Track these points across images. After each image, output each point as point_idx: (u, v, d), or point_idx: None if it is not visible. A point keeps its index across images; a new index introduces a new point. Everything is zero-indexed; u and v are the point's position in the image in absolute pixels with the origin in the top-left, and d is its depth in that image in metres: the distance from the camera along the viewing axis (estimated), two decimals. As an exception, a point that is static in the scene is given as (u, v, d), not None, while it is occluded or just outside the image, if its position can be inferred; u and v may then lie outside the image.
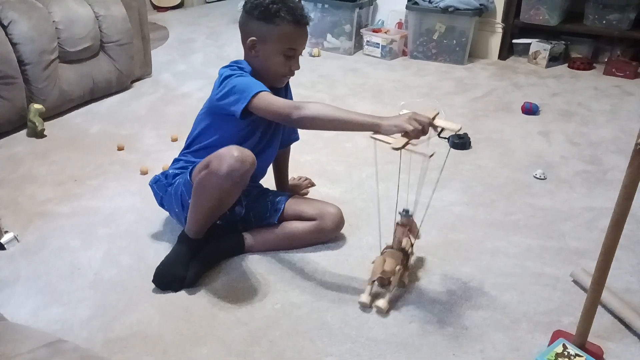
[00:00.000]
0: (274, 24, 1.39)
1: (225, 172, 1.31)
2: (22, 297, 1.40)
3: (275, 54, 1.42)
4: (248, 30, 1.43)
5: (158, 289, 1.41)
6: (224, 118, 1.44)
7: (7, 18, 2.21)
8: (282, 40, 1.40)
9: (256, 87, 1.35)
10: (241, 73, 1.41)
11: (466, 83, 2.98)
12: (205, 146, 1.51)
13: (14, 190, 1.88)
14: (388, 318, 1.33)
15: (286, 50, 1.41)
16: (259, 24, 1.40)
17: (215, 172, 1.32)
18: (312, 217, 1.57)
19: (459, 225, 1.71)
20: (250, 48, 1.44)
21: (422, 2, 3.24)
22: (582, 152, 2.21)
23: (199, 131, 1.53)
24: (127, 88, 2.81)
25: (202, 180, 1.37)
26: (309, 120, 1.30)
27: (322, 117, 1.29)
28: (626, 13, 3.03)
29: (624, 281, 1.48)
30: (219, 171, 1.31)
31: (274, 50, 1.41)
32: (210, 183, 1.35)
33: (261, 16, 1.39)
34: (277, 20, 1.38)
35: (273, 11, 1.37)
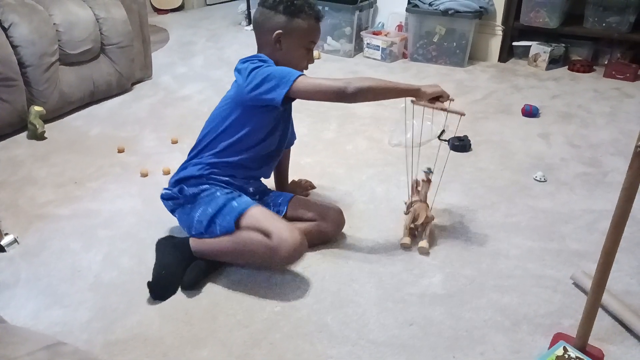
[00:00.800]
0: (299, 18, 1.45)
1: (285, 256, 1.37)
2: (22, 299, 1.40)
3: (298, 47, 1.48)
4: (272, 25, 1.46)
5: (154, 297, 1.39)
6: (254, 110, 1.46)
7: (8, 21, 2.21)
8: (306, 34, 1.47)
9: (295, 72, 1.40)
10: (268, 64, 1.44)
11: (466, 85, 2.99)
12: (233, 142, 1.50)
13: (15, 193, 1.88)
14: (389, 320, 1.33)
15: (308, 43, 1.49)
16: (284, 18, 1.45)
17: (275, 249, 1.36)
18: (313, 217, 1.58)
19: (460, 227, 1.71)
20: (276, 41, 1.46)
21: (422, 5, 3.25)
22: (582, 154, 2.21)
23: (224, 128, 1.50)
24: (128, 90, 2.82)
25: (253, 247, 1.39)
26: (363, 92, 1.36)
27: (372, 88, 1.37)
28: (626, 15, 3.03)
29: (624, 283, 1.47)
30: (279, 251, 1.36)
31: (298, 43, 1.47)
32: (262, 254, 1.39)
33: (287, 11, 1.44)
34: (302, 15, 1.45)
35: (298, 6, 1.44)
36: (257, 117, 1.48)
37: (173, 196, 1.52)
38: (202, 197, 1.48)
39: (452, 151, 2.22)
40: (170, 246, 1.47)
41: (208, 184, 1.50)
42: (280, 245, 1.36)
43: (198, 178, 1.51)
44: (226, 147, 1.51)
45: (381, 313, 1.36)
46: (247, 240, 1.40)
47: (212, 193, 1.48)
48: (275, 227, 1.38)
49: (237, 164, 1.52)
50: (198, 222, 1.46)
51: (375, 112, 2.57)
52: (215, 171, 1.51)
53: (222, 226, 1.43)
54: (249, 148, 1.52)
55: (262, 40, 1.50)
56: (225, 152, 1.51)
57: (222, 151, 1.51)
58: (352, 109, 2.61)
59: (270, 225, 1.39)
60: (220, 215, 1.44)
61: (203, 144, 1.54)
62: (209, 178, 1.51)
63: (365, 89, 1.36)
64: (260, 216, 1.42)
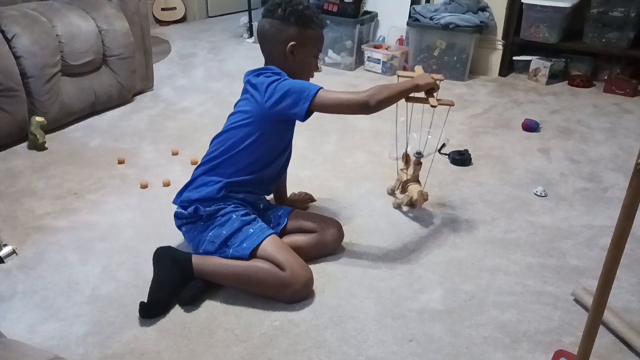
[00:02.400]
0: (310, 29, 1.49)
1: (296, 289, 1.38)
2: (18, 312, 1.38)
3: (310, 57, 1.53)
4: (285, 36, 1.47)
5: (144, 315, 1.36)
6: (277, 125, 1.48)
7: (11, 32, 2.22)
8: (316, 42, 1.52)
9: (314, 85, 1.42)
10: (284, 77, 1.46)
11: (466, 99, 3.00)
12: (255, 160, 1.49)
13: (13, 204, 1.87)
14: (387, 336, 1.32)
15: (317, 51, 1.54)
16: (297, 29, 1.47)
17: (287, 283, 1.37)
18: (312, 229, 1.58)
19: (459, 243, 1.71)
20: (290, 52, 1.48)
21: (422, 19, 3.27)
22: (582, 169, 2.21)
23: (245, 145, 1.47)
24: (128, 102, 2.82)
25: (263, 277, 1.38)
26: (382, 103, 1.41)
27: (389, 97, 1.43)
28: (625, 32, 3.05)
29: (625, 300, 1.47)
30: (291, 285, 1.38)
31: (310, 52, 1.52)
32: (272, 286, 1.39)
33: (299, 22, 1.47)
34: (312, 25, 1.49)
35: (308, 16, 1.47)
36: (279, 132, 1.51)
37: (188, 217, 1.49)
38: (218, 217, 1.46)
39: (452, 165, 2.22)
40: (170, 261, 1.44)
41: (224, 203, 1.48)
42: (294, 280, 1.37)
43: (216, 200, 1.48)
44: (247, 165, 1.49)
45: (380, 329, 1.34)
46: (258, 270, 1.39)
47: (228, 213, 1.46)
48: (288, 262, 1.38)
49: (255, 181, 1.52)
50: (209, 242, 1.45)
51: (375, 125, 2.57)
52: (234, 189, 1.50)
53: (236, 251, 1.42)
54: (268, 164, 1.53)
55: (274, 52, 1.50)
56: (245, 170, 1.49)
57: (243, 169, 1.49)
58: (352, 122, 2.62)
59: (284, 258, 1.39)
60: (235, 239, 1.43)
61: (219, 159, 1.50)
62: (227, 197, 1.49)
63: (385, 99, 1.41)
64: (275, 248, 1.41)
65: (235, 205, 1.49)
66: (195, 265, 1.43)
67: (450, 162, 2.24)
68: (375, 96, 1.40)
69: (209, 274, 1.43)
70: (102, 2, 2.64)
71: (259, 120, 1.47)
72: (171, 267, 1.42)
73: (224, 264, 1.42)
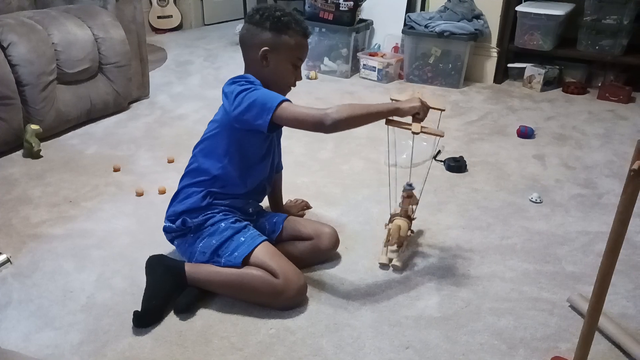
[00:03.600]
0: (286, 35, 1.44)
1: (290, 296, 1.38)
2: (13, 321, 1.38)
3: (285, 64, 1.47)
4: (258, 41, 1.44)
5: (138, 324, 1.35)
6: (245, 134, 1.45)
7: (7, 40, 2.23)
8: (293, 50, 1.46)
9: (277, 97, 1.38)
10: (255, 87, 1.42)
11: (461, 106, 3.01)
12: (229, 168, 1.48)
13: (8, 212, 1.86)
14: (384, 344, 1.32)
15: (295, 59, 1.48)
16: (272, 34, 1.44)
17: (281, 290, 1.37)
18: (308, 236, 1.57)
19: (456, 249, 1.71)
20: (263, 58, 1.45)
21: (418, 27, 3.29)
22: (577, 175, 2.22)
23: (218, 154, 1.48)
24: (124, 109, 2.82)
25: (256, 284, 1.37)
26: (341, 123, 1.34)
27: (351, 117, 1.34)
28: (618, 39, 3.08)
29: (621, 306, 1.47)
30: (285, 292, 1.37)
31: (285, 59, 1.46)
32: (266, 293, 1.38)
33: (273, 27, 1.43)
34: (289, 32, 1.44)
35: (284, 22, 1.44)
36: (252, 141, 1.47)
37: (178, 230, 1.50)
38: (206, 226, 1.46)
39: (448, 172, 2.22)
40: (163, 269, 1.43)
41: (211, 212, 1.48)
42: (287, 287, 1.37)
43: (202, 209, 1.48)
44: (225, 174, 1.48)
45: (377, 336, 1.34)
46: (251, 277, 1.38)
47: (217, 222, 1.46)
48: (281, 268, 1.38)
49: (237, 190, 1.50)
50: (200, 253, 1.45)
51: (372, 132, 2.58)
52: (218, 196, 1.49)
53: (228, 260, 1.41)
54: (247, 174, 1.51)
55: (249, 58, 1.49)
56: (224, 179, 1.49)
57: (222, 178, 1.49)
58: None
59: (277, 265, 1.38)
60: (226, 249, 1.42)
61: (198, 169, 1.51)
62: (212, 205, 1.48)
63: (344, 120, 1.33)
64: (267, 255, 1.41)
65: (224, 213, 1.48)
66: (188, 273, 1.43)
67: (446, 168, 2.24)
68: (333, 115, 1.32)
69: (202, 282, 1.43)
70: (98, 10, 2.65)
71: (227, 129, 1.46)
72: (164, 275, 1.42)
73: (217, 272, 1.41)
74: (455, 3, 3.27)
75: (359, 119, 1.36)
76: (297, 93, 1.53)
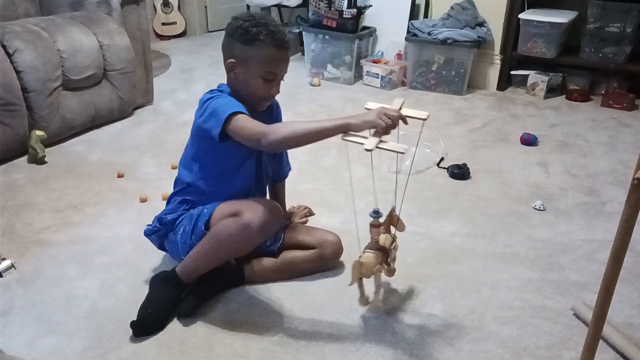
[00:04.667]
0: (254, 47, 1.37)
1: (259, 224, 1.33)
2: (16, 327, 1.38)
3: (254, 77, 1.40)
4: (229, 52, 1.42)
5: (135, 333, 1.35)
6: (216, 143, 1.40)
7: (13, 47, 2.24)
8: (262, 63, 1.39)
9: (231, 108, 1.33)
10: (219, 95, 1.40)
11: (465, 114, 3.01)
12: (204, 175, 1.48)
13: (12, 218, 1.87)
14: (388, 352, 1.31)
15: (265, 73, 1.40)
16: (239, 46, 1.39)
17: (248, 223, 1.32)
18: (311, 245, 1.57)
19: (459, 257, 1.71)
20: (230, 70, 1.43)
21: (421, 34, 3.29)
22: (581, 183, 2.21)
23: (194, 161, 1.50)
24: (129, 116, 2.83)
25: (228, 231, 1.35)
26: (279, 144, 1.30)
27: (292, 136, 1.28)
28: (622, 47, 3.08)
29: (625, 315, 1.46)
30: (252, 224, 1.32)
31: (253, 73, 1.40)
32: (238, 234, 1.34)
33: (241, 38, 1.38)
34: (257, 43, 1.37)
35: (253, 34, 1.36)
36: (221, 150, 1.42)
37: (155, 229, 1.52)
38: (181, 219, 1.48)
39: (451, 179, 2.22)
40: (160, 281, 1.44)
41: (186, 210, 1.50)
42: (253, 218, 1.32)
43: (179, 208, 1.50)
44: (196, 182, 1.49)
45: (380, 344, 1.34)
46: (220, 229, 1.37)
47: (189, 211, 1.48)
48: (244, 205, 1.37)
49: (212, 197, 1.48)
50: (183, 243, 1.46)
51: (375, 139, 2.58)
52: (194, 204, 1.50)
53: (197, 235, 1.42)
54: (220, 182, 1.49)
55: (225, 69, 1.46)
56: (198, 187, 1.49)
57: (194, 185, 1.49)
58: (352, 136, 2.63)
59: (239, 205, 1.37)
60: (195, 226, 1.43)
61: (177, 177, 1.55)
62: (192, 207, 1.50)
63: (282, 140, 1.28)
64: (228, 205, 1.40)
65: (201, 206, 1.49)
66: (179, 272, 1.43)
67: (449, 175, 2.24)
68: (269, 136, 1.27)
69: (193, 268, 1.42)
70: (103, 17, 2.67)
71: (198, 138, 1.45)
72: (162, 286, 1.43)
73: (196, 250, 1.41)
74: (459, 10, 3.28)
75: (302, 138, 1.29)
76: (299, 100, 1.54)
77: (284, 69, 1.44)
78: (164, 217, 1.50)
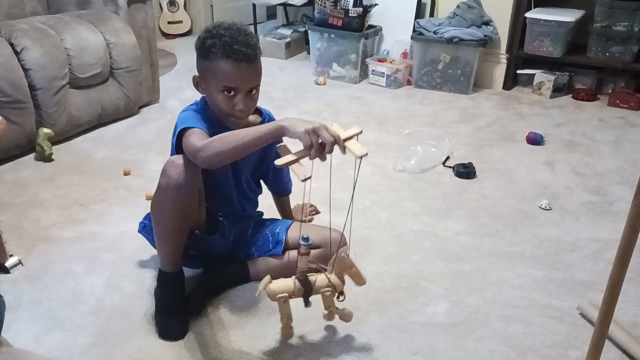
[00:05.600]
0: (208, 60, 1.30)
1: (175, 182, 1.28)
2: (23, 322, 1.39)
3: (214, 92, 1.32)
4: (196, 66, 1.37)
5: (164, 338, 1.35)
6: None
7: (20, 45, 2.25)
8: (217, 77, 1.30)
9: (187, 123, 1.30)
10: (188, 109, 1.38)
11: (470, 112, 3.00)
12: None
13: (20, 215, 1.88)
14: (392, 349, 1.31)
15: (223, 88, 1.31)
16: (198, 60, 1.34)
17: (166, 185, 1.30)
18: (317, 244, 1.57)
19: (464, 255, 1.70)
20: (195, 85, 1.39)
21: (427, 33, 3.29)
22: (587, 182, 2.21)
23: None
24: (135, 114, 2.85)
25: (156, 201, 1.34)
26: (213, 158, 1.19)
27: (224, 151, 1.18)
28: (629, 46, 3.06)
29: (632, 314, 1.46)
30: (169, 184, 1.29)
31: (213, 87, 1.32)
32: (164, 199, 1.32)
33: (199, 52, 1.33)
34: (211, 56, 1.29)
35: (207, 46, 1.29)
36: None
37: (143, 225, 1.54)
38: None
39: (457, 177, 2.22)
40: (157, 284, 1.45)
41: None
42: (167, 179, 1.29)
43: None
44: None
45: (385, 342, 1.34)
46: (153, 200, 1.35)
47: None
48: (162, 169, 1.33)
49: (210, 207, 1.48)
50: None
51: (380, 138, 2.58)
52: None
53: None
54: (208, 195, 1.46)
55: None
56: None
57: None
58: (357, 134, 2.63)
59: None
60: None
61: None
62: None
63: (214, 156, 1.18)
64: None
65: None
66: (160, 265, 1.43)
67: (455, 174, 2.24)
68: (205, 150, 1.19)
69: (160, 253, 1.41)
70: (110, 15, 2.68)
71: (175, 149, 1.40)
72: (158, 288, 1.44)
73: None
74: (465, 9, 3.27)
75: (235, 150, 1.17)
76: (305, 99, 1.54)
77: (245, 83, 1.31)
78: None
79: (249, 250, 1.57)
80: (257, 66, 1.33)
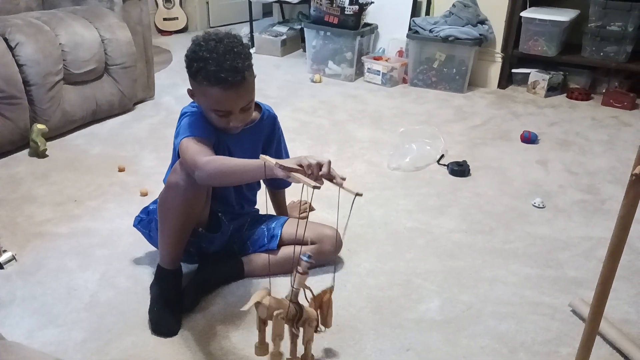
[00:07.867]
0: (197, 82, 1.30)
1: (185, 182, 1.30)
2: (17, 317, 1.39)
3: (207, 110, 1.34)
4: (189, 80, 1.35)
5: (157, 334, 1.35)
6: None
7: (15, 40, 2.25)
8: (208, 101, 1.31)
9: (186, 132, 1.31)
10: (192, 112, 1.37)
11: (465, 111, 3.01)
12: None
13: (14, 210, 1.88)
14: (385, 346, 1.32)
15: (214, 110, 1.31)
16: (189, 77, 1.33)
17: (175, 184, 1.31)
18: (311, 240, 1.57)
19: (458, 253, 1.71)
20: (191, 96, 1.39)
21: (422, 31, 3.30)
22: (580, 181, 2.22)
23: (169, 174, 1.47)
24: (129, 110, 2.84)
25: (164, 199, 1.36)
26: (209, 179, 1.24)
27: (220, 174, 1.22)
28: (623, 46, 3.08)
29: (622, 312, 1.47)
30: (178, 183, 1.30)
31: (205, 106, 1.34)
32: (173, 197, 1.33)
33: (188, 71, 1.31)
34: (199, 79, 1.28)
35: (194, 70, 1.28)
36: None
37: (139, 219, 1.54)
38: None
39: (451, 175, 2.23)
40: (154, 280, 1.46)
41: None
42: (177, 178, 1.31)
43: None
44: None
45: (378, 338, 1.35)
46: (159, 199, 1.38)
47: None
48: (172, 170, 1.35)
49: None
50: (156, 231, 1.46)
51: (374, 136, 2.59)
52: None
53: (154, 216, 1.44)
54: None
55: None
56: None
57: None
58: (352, 132, 2.63)
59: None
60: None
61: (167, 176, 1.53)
62: None
63: (211, 177, 1.23)
64: None
65: None
66: (159, 261, 1.44)
67: (449, 172, 2.25)
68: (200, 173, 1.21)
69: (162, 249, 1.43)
70: (105, 12, 2.67)
71: (175, 153, 1.41)
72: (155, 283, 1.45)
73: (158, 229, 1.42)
74: (460, 8, 3.28)
75: (232, 175, 1.22)
76: (300, 97, 1.54)
77: (236, 105, 1.30)
78: (148, 207, 1.53)
79: (243, 245, 1.58)
80: (247, 87, 1.31)
